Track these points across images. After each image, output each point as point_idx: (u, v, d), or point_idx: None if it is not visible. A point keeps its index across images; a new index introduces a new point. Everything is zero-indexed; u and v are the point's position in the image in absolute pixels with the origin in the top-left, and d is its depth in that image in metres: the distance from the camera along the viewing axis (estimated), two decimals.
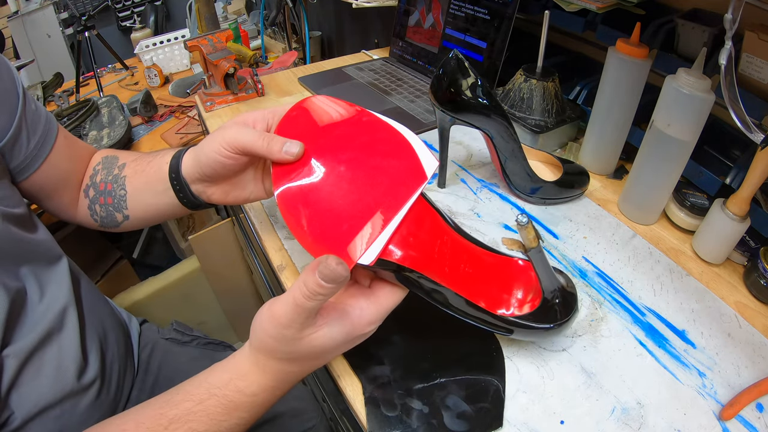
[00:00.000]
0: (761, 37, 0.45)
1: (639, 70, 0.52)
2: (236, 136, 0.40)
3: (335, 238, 0.34)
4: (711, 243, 0.50)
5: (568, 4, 0.59)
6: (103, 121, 0.93)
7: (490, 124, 0.53)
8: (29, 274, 0.46)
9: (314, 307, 0.31)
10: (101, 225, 0.52)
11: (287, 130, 0.41)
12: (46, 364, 0.46)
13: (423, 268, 0.35)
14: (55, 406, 0.46)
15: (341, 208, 0.36)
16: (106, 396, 0.52)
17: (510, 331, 0.38)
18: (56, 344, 0.47)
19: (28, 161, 0.47)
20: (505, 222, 0.55)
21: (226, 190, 0.46)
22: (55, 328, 0.47)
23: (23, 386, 0.43)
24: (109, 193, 0.50)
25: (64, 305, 0.49)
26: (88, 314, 0.53)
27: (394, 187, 0.36)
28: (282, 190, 0.38)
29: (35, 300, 0.46)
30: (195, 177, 0.44)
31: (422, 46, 0.88)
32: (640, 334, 0.43)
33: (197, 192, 0.46)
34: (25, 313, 0.45)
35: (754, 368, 0.40)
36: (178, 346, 0.68)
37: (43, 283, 0.47)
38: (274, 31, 1.51)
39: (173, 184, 0.46)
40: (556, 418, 0.37)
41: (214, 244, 1.00)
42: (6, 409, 0.42)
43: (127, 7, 1.90)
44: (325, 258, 0.30)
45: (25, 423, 0.43)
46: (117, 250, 1.23)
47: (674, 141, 0.48)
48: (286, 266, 0.51)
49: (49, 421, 0.45)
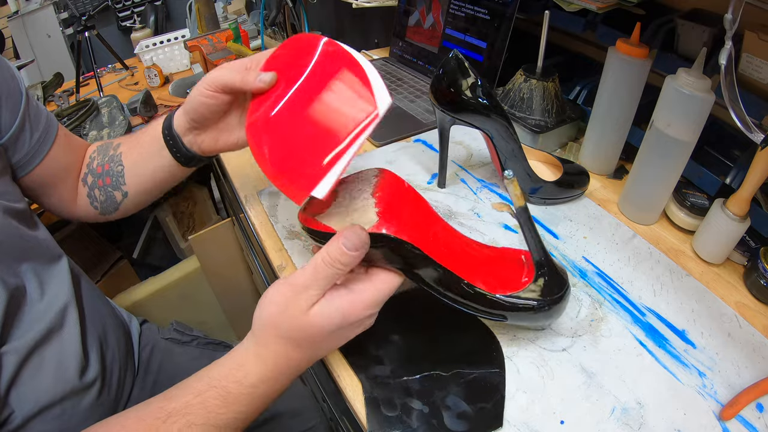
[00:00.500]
0: (761, 37, 0.45)
1: (639, 70, 0.52)
2: (216, 75, 0.43)
3: (293, 169, 0.37)
4: (711, 243, 0.50)
5: (568, 4, 0.59)
6: (103, 121, 0.93)
7: (490, 124, 0.53)
8: (29, 272, 0.46)
9: (332, 275, 0.33)
10: (101, 212, 0.54)
11: (268, 66, 0.44)
12: (47, 363, 0.46)
13: (422, 245, 0.36)
14: (56, 404, 0.46)
15: (299, 139, 0.38)
16: (107, 396, 0.52)
17: (504, 317, 0.38)
18: (57, 342, 0.47)
19: (31, 155, 0.49)
20: (505, 222, 0.55)
21: (215, 136, 0.48)
22: (55, 327, 0.47)
23: (23, 384, 0.43)
24: (107, 173, 0.52)
25: (64, 304, 0.49)
26: (89, 314, 0.53)
27: (348, 123, 0.37)
28: (250, 121, 0.42)
29: (35, 298, 0.46)
30: (185, 127, 0.47)
31: (422, 46, 0.88)
32: (640, 334, 0.43)
33: (189, 144, 0.48)
34: (25, 310, 0.45)
35: (754, 368, 0.40)
36: (178, 346, 0.68)
37: (43, 281, 0.48)
38: (274, 31, 1.50)
39: (167, 141, 0.48)
40: (556, 418, 0.37)
41: (214, 244, 1.00)
42: (6, 407, 0.42)
43: (127, 7, 1.90)
44: (351, 226, 0.33)
45: (25, 422, 0.43)
46: (117, 250, 1.23)
47: (674, 141, 0.48)
48: (286, 266, 0.51)
49: (50, 420, 0.45)
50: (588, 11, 0.58)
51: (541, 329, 0.43)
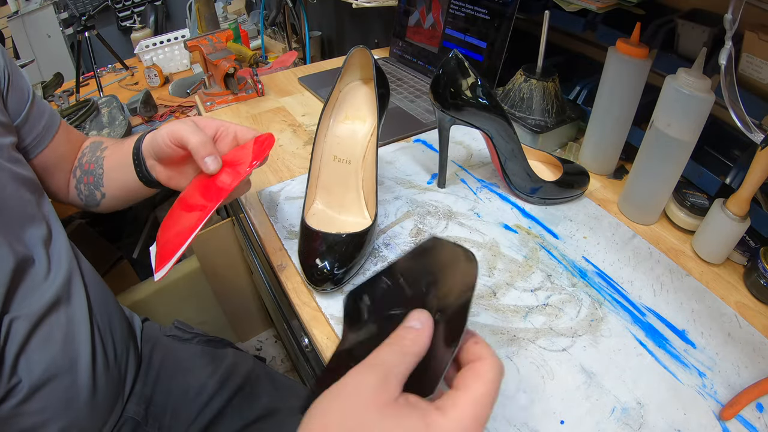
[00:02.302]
0: (761, 37, 0.45)
1: (639, 70, 0.52)
2: (180, 131, 0.44)
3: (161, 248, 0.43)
4: (711, 243, 0.50)
5: (568, 4, 0.59)
6: (103, 121, 0.93)
7: (490, 124, 0.53)
8: (36, 240, 0.48)
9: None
10: (85, 204, 0.57)
11: (227, 156, 0.45)
12: (56, 331, 0.47)
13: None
14: (63, 374, 0.47)
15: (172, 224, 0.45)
16: (113, 375, 0.54)
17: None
18: (65, 311, 0.49)
19: (37, 141, 0.53)
20: (505, 222, 0.55)
21: (170, 175, 0.50)
22: (63, 296, 0.49)
23: (33, 352, 0.45)
24: (91, 173, 0.55)
25: (69, 273, 0.51)
26: (93, 292, 0.55)
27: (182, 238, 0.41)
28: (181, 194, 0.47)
29: (42, 266, 0.48)
30: (149, 153, 0.49)
31: (422, 46, 0.88)
32: (640, 334, 0.43)
33: (150, 167, 0.50)
34: (32, 277, 0.47)
35: (754, 368, 0.40)
36: (179, 343, 0.68)
37: (49, 251, 0.50)
38: (274, 31, 1.51)
39: (134, 159, 0.51)
40: (556, 418, 0.37)
41: (214, 244, 1.00)
42: (14, 376, 0.43)
43: (127, 7, 1.90)
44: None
45: (32, 392, 0.45)
46: (117, 250, 1.23)
47: (674, 141, 0.48)
48: (286, 266, 0.51)
49: (55, 391, 0.46)
50: (588, 11, 0.58)
51: None
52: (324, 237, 0.46)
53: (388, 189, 0.60)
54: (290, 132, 0.73)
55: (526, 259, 0.50)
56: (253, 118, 0.78)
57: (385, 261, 0.50)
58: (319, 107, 0.78)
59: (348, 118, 0.55)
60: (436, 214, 0.56)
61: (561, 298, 0.46)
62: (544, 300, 0.46)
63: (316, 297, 0.46)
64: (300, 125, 0.75)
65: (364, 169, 0.53)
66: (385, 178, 0.62)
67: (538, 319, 0.44)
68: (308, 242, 0.47)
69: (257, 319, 1.31)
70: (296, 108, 0.80)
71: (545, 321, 0.44)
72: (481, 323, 0.44)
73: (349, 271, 0.46)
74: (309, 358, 0.72)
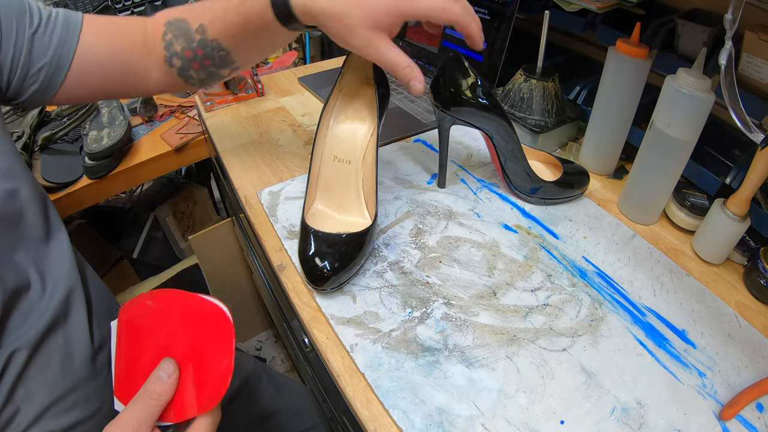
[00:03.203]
0: (761, 37, 0.45)
1: (639, 70, 0.52)
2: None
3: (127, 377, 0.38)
4: (711, 243, 0.50)
5: (568, 4, 0.59)
6: (103, 121, 0.93)
7: (490, 124, 0.53)
8: (26, 260, 0.44)
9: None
10: (199, 85, 0.53)
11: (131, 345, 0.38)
12: (54, 355, 0.44)
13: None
14: (67, 396, 0.45)
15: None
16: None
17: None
18: (62, 334, 0.46)
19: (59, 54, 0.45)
20: (505, 222, 0.55)
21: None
22: (60, 317, 0.45)
23: (31, 379, 0.42)
24: (205, 57, 0.48)
25: (69, 288, 0.47)
26: (95, 302, 0.52)
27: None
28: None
29: (36, 289, 0.44)
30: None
31: (422, 46, 0.88)
32: (640, 334, 0.43)
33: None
34: (27, 302, 0.43)
35: (754, 368, 0.40)
36: None
37: (42, 269, 0.45)
38: None
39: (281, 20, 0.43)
40: (556, 418, 0.37)
41: (214, 244, 1.00)
42: (10, 404, 0.41)
43: (127, 7, 1.90)
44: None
45: (36, 419, 0.42)
46: (117, 250, 1.23)
47: (674, 141, 0.48)
48: (286, 266, 0.51)
49: (61, 414, 0.44)
50: (588, 11, 0.58)
51: None
52: (324, 237, 0.46)
53: (388, 189, 0.60)
54: (290, 132, 0.73)
55: (526, 259, 0.50)
56: (253, 118, 0.78)
57: (385, 261, 0.50)
58: (319, 107, 0.78)
59: (348, 118, 0.55)
60: (436, 214, 0.56)
61: (561, 298, 0.46)
62: (544, 300, 0.46)
63: (316, 297, 0.46)
64: (300, 125, 0.75)
65: (364, 169, 0.53)
66: (385, 178, 0.62)
67: (538, 319, 0.44)
68: (308, 242, 0.47)
69: (257, 319, 1.32)
70: (296, 108, 0.80)
71: (545, 321, 0.44)
72: (482, 323, 0.44)
73: (349, 271, 0.46)
74: (309, 358, 0.72)
